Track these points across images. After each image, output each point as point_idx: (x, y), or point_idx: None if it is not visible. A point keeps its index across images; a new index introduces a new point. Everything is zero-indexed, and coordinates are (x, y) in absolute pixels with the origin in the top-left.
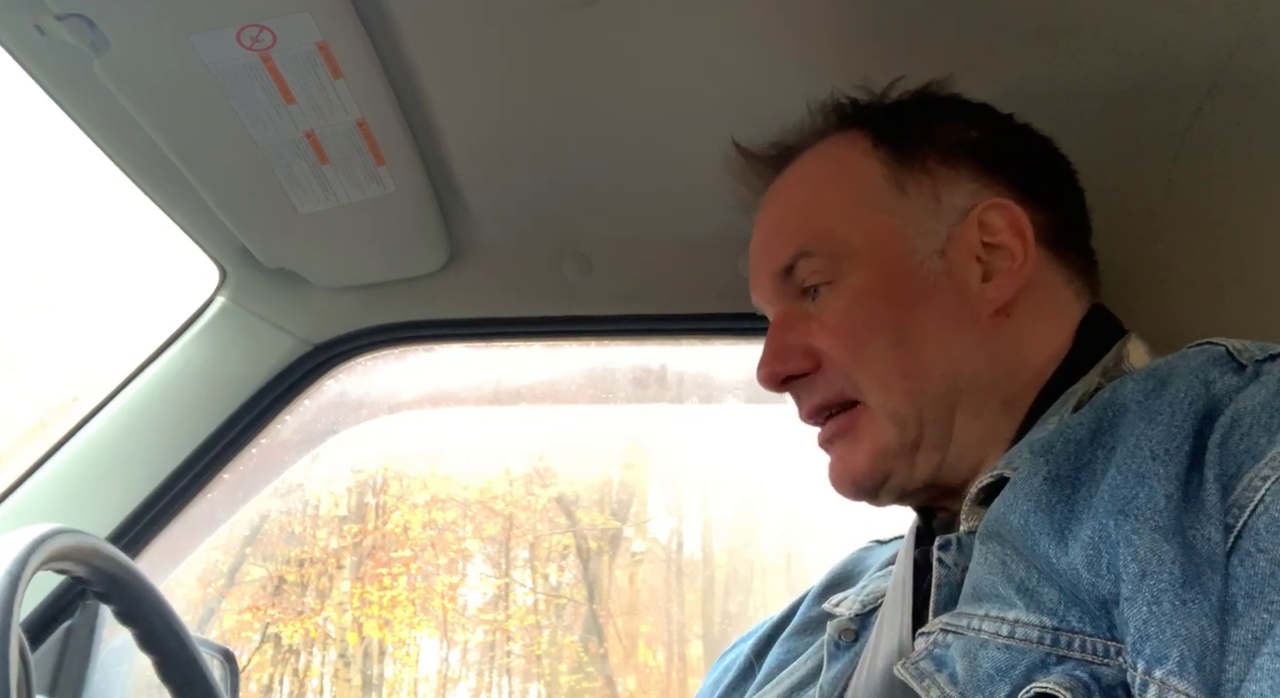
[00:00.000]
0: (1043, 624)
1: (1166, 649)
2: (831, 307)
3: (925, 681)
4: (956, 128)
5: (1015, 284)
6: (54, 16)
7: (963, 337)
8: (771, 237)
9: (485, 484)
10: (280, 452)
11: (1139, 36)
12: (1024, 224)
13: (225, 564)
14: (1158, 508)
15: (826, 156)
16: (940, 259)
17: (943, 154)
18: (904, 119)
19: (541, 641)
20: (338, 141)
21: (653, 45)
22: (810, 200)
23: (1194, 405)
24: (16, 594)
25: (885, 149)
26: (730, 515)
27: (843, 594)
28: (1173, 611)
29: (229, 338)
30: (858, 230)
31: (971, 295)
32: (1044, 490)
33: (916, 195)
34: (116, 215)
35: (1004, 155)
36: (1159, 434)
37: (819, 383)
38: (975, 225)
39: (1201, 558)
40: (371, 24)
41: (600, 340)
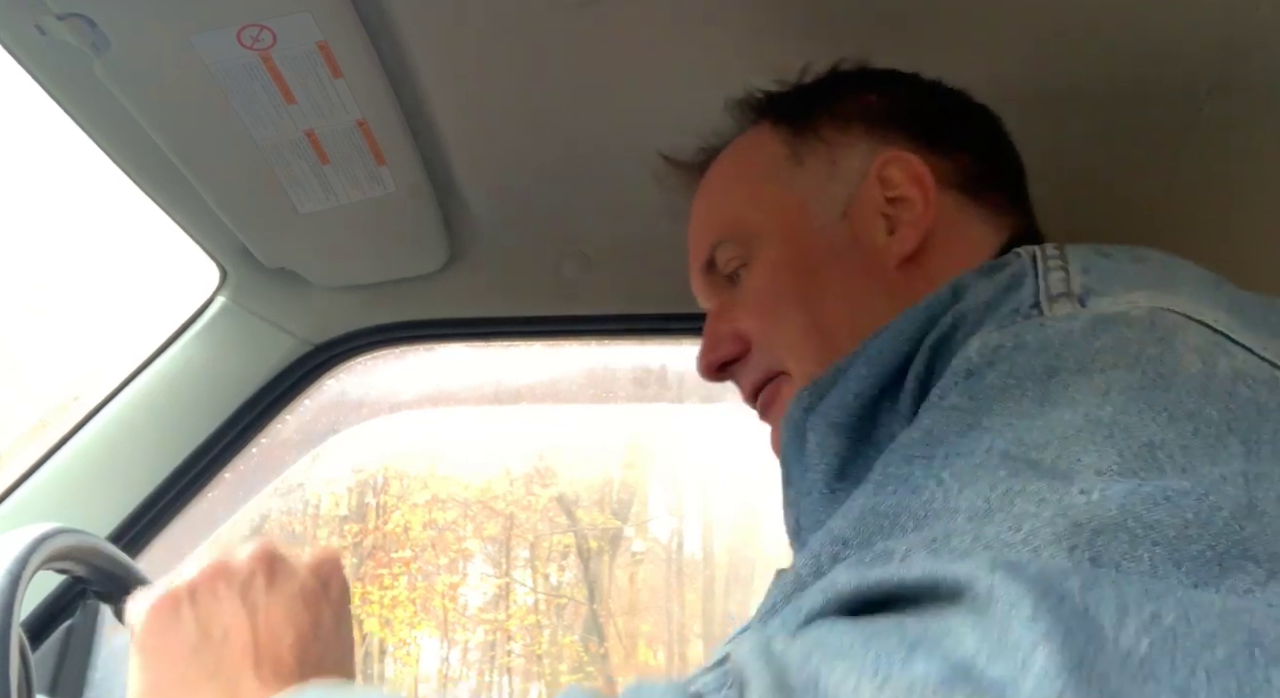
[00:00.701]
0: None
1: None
2: (749, 287)
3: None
4: (851, 96)
5: (918, 233)
6: (55, 16)
7: (869, 291)
8: (693, 234)
9: (486, 484)
10: (281, 451)
11: (1139, 36)
12: (920, 171)
13: None
14: (843, 404)
15: (734, 148)
16: (843, 221)
17: (836, 120)
18: (803, 98)
19: (542, 640)
20: (338, 141)
21: (652, 45)
22: (719, 192)
23: (932, 305)
24: (17, 594)
25: (783, 127)
26: (731, 515)
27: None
28: (818, 501)
29: (229, 338)
30: (760, 209)
31: (878, 250)
32: (800, 420)
33: (814, 164)
34: (117, 215)
35: (903, 111)
36: (889, 338)
37: (749, 364)
38: (875, 182)
39: (870, 453)
40: (372, 24)
41: (600, 340)
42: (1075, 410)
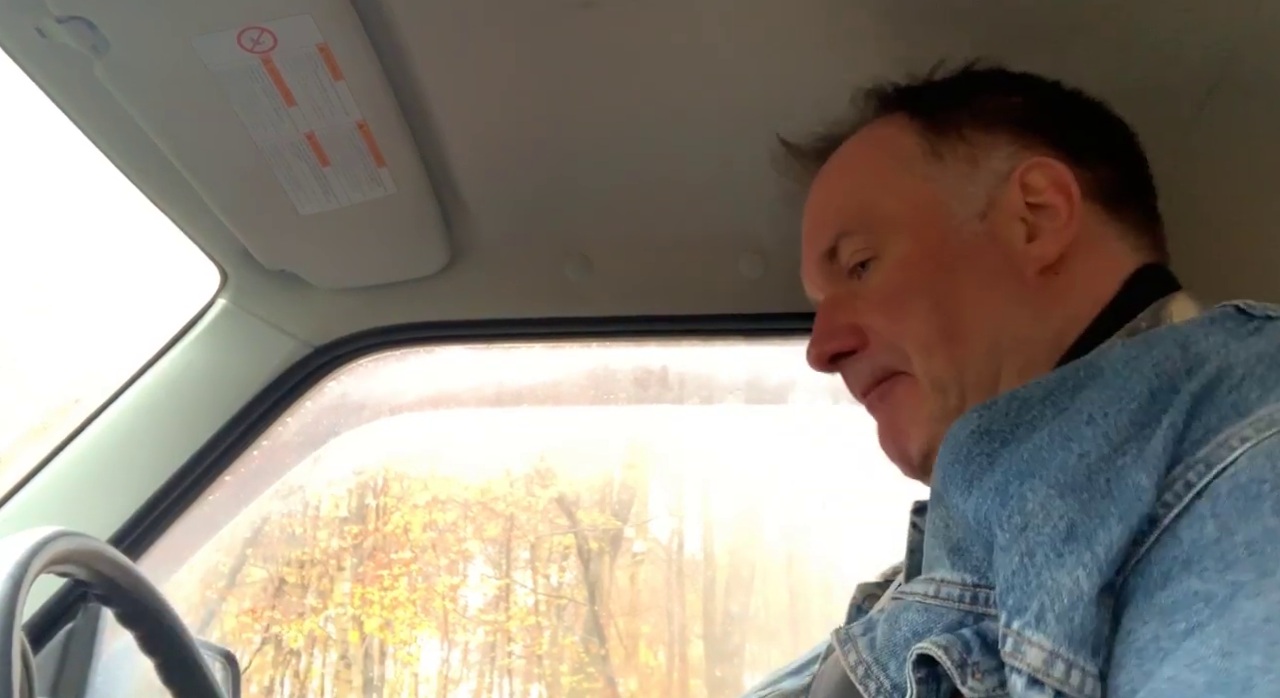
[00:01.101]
0: (964, 581)
1: (1028, 601)
2: (875, 281)
3: (847, 645)
4: (995, 96)
5: (1061, 242)
6: (55, 19)
7: (1005, 296)
8: (814, 223)
9: (486, 485)
10: (282, 454)
11: (1139, 36)
12: (1067, 180)
13: (226, 566)
14: (1065, 466)
15: (864, 138)
16: (981, 222)
17: (979, 121)
18: (941, 93)
19: (542, 641)
20: (338, 143)
21: (652, 45)
22: (847, 181)
23: (1159, 366)
24: (19, 597)
25: (920, 121)
26: (731, 516)
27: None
28: (1044, 562)
29: (230, 340)
30: (893, 200)
31: (1016, 255)
32: (969, 443)
33: (953, 161)
34: (118, 218)
35: (1046, 118)
36: (1107, 397)
37: (866, 358)
38: (1017, 187)
39: (1111, 512)
40: (372, 26)
41: (601, 341)
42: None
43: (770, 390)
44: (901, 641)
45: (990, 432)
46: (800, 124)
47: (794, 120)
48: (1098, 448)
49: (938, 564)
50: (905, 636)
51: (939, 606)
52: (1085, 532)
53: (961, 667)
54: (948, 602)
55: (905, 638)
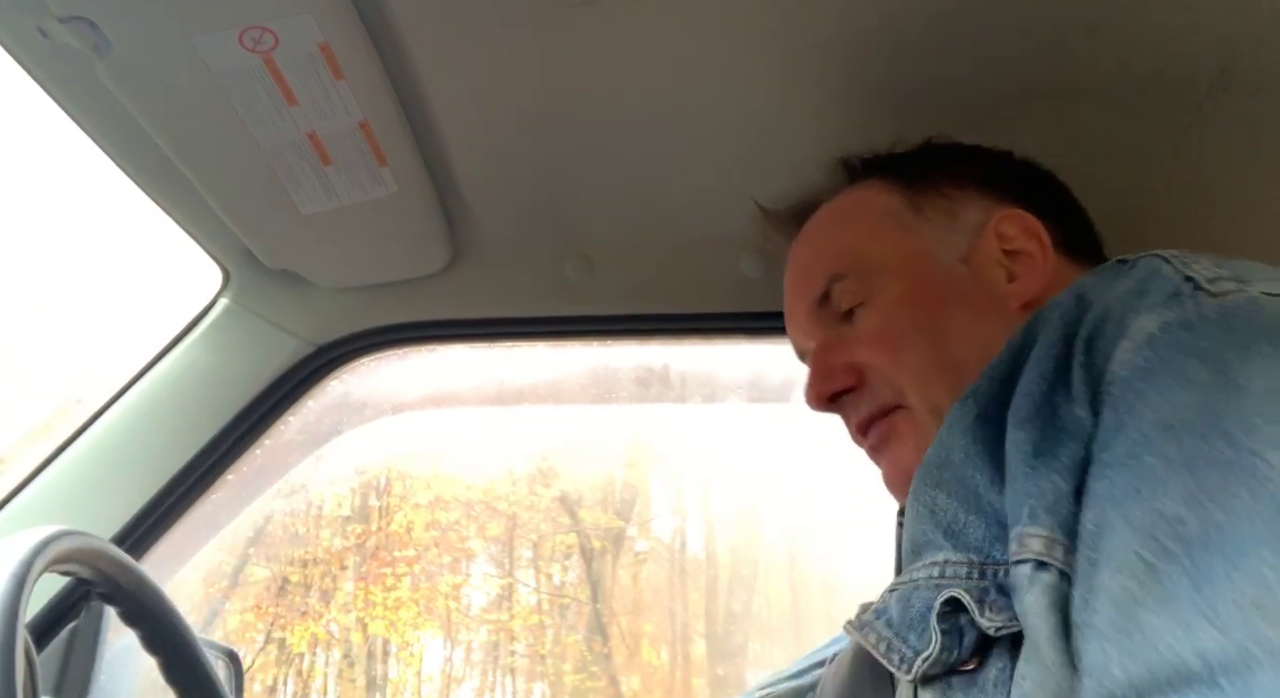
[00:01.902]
0: (969, 561)
1: (1019, 509)
2: (869, 322)
3: (865, 629)
4: (961, 160)
5: (1041, 280)
6: (56, 19)
7: (994, 327)
8: (801, 274)
9: (488, 484)
10: (284, 453)
11: (1140, 34)
12: (1037, 227)
13: (229, 565)
14: (1019, 408)
15: (846, 199)
16: (965, 266)
17: (952, 179)
18: (913, 159)
19: (546, 640)
20: (340, 143)
21: (653, 45)
22: (834, 231)
23: (1064, 316)
24: (23, 596)
25: (899, 184)
26: (733, 515)
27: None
28: (1024, 478)
29: (233, 339)
30: (882, 247)
31: (999, 293)
32: (977, 427)
33: (934, 214)
34: (119, 218)
35: (1008, 179)
36: (1040, 347)
37: (864, 395)
38: (993, 237)
39: (1063, 433)
40: (373, 25)
41: (602, 340)
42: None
43: (772, 389)
44: (917, 615)
45: (988, 414)
46: (801, 126)
47: (794, 120)
48: (1038, 387)
49: (931, 547)
50: (920, 610)
51: (947, 583)
52: (1047, 448)
53: (980, 602)
54: (955, 580)
55: (920, 612)
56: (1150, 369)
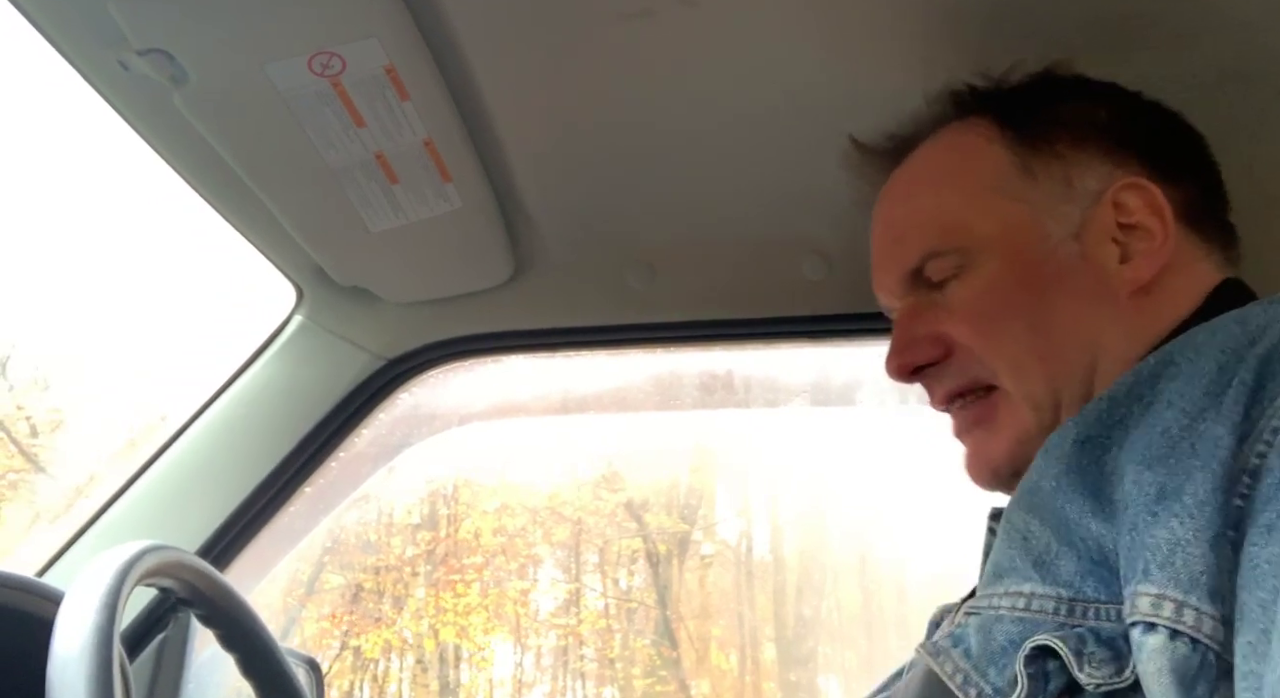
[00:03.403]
0: (1059, 596)
1: (1136, 563)
2: (963, 295)
3: (941, 657)
4: (1083, 108)
5: (1156, 264)
6: (136, 52)
7: (1099, 317)
8: (896, 237)
9: (554, 491)
10: (357, 465)
11: (1214, 20)
12: (1161, 203)
13: (305, 574)
14: (1150, 443)
15: (949, 146)
16: (1075, 242)
17: (1072, 136)
18: (1028, 102)
19: (614, 644)
20: (406, 161)
21: (710, 51)
22: (935, 196)
23: (1223, 344)
24: (118, 610)
25: (1011, 134)
26: (799, 518)
27: None
28: (1144, 527)
29: (307, 355)
30: (987, 221)
31: (1109, 276)
32: (1074, 454)
33: (1047, 180)
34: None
35: (1134, 133)
36: (1182, 382)
37: (951, 369)
38: (1110, 207)
39: (1193, 462)
40: (436, 46)
41: (666, 347)
42: None
43: (836, 392)
44: (999, 649)
45: (1091, 439)
46: (862, 125)
47: (856, 121)
48: (1178, 422)
49: (1016, 575)
50: (1002, 644)
51: (1033, 617)
52: (1174, 489)
53: (1079, 654)
54: (1041, 615)
55: (1003, 646)
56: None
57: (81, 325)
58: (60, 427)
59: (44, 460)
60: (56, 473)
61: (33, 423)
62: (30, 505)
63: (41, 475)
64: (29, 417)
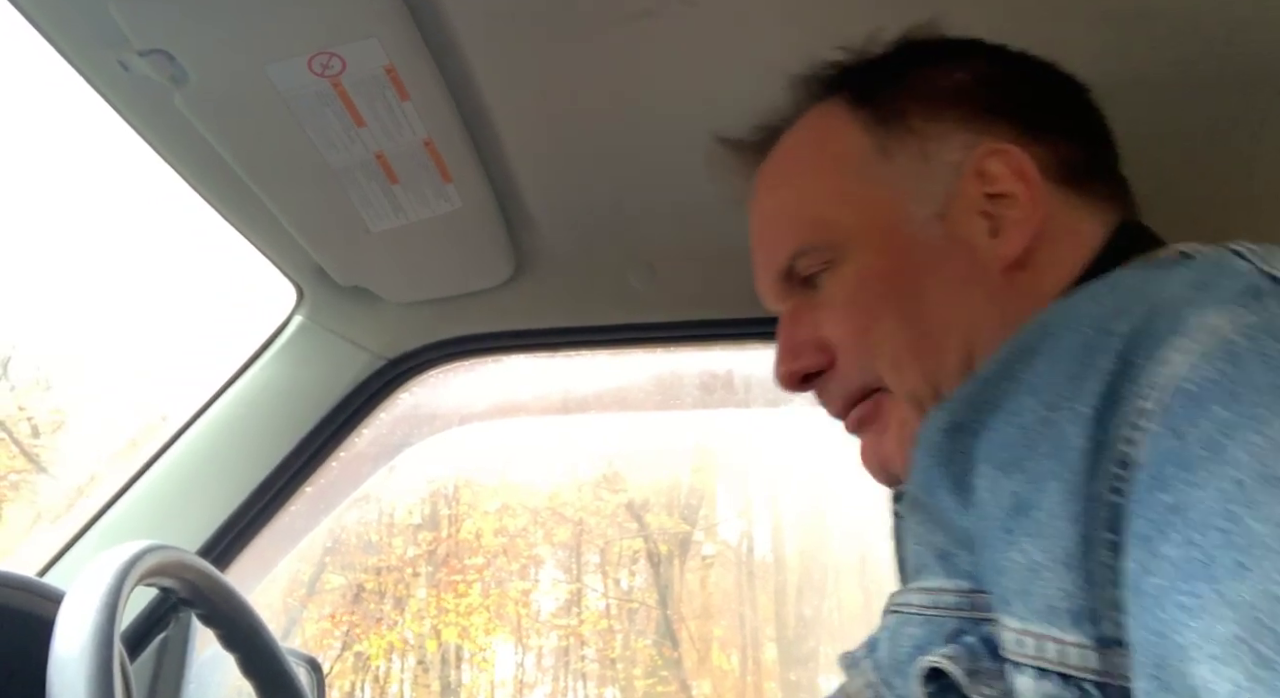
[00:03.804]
0: (959, 588)
1: (994, 586)
2: (834, 292)
3: (853, 669)
4: (939, 73)
5: (1026, 234)
6: (137, 52)
7: (972, 300)
8: (765, 238)
9: (555, 491)
10: (358, 464)
11: (1214, 20)
12: (1026, 167)
13: (306, 574)
14: (1006, 442)
15: (806, 132)
16: (941, 222)
17: (925, 106)
18: (880, 73)
19: (615, 645)
20: (406, 161)
21: (711, 51)
22: (794, 190)
23: (1091, 315)
24: (118, 609)
25: (864, 112)
26: (801, 518)
27: None
28: (998, 546)
29: (307, 355)
30: (849, 210)
31: (981, 253)
32: (943, 442)
33: (903, 158)
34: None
35: (997, 93)
36: (1048, 360)
37: (838, 377)
38: (974, 178)
39: (1048, 471)
40: (436, 45)
41: (666, 347)
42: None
43: None
44: (905, 657)
45: (960, 426)
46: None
47: None
48: (1035, 415)
49: (928, 571)
50: (908, 651)
51: (938, 616)
52: (1028, 500)
53: (970, 674)
54: (946, 611)
55: (909, 653)
56: (1233, 392)
57: (83, 326)
58: (61, 427)
59: (45, 461)
60: (58, 473)
61: (34, 423)
62: (32, 505)
63: (43, 476)
64: (30, 417)
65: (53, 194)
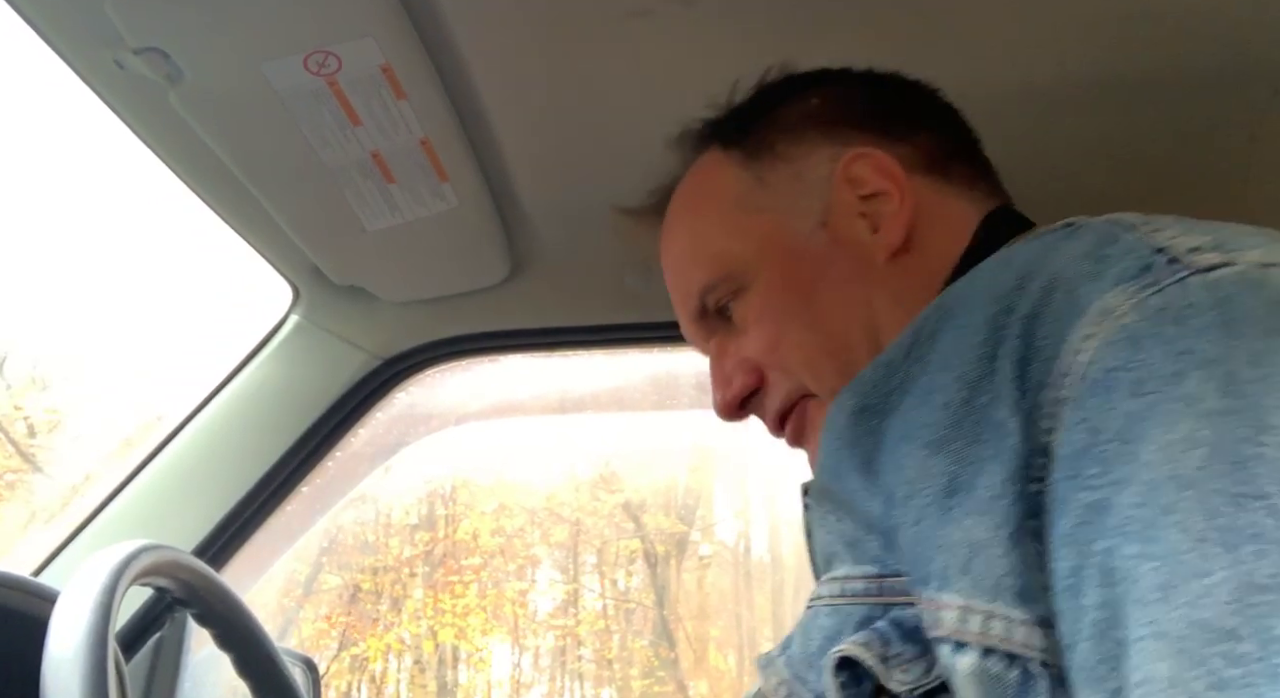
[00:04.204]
0: (866, 574)
1: (929, 565)
2: (745, 316)
3: (768, 669)
4: (795, 103)
5: (902, 223)
6: (132, 51)
7: (864, 291)
8: (676, 284)
9: (552, 491)
10: (354, 464)
11: (1211, 22)
12: (888, 164)
13: (303, 574)
14: (930, 421)
15: (690, 183)
16: (824, 230)
17: (787, 134)
18: (744, 117)
19: (612, 645)
20: (402, 160)
21: (706, 51)
22: (688, 233)
23: (992, 291)
24: (113, 610)
25: (735, 151)
26: (797, 518)
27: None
28: (934, 523)
29: (303, 354)
30: (739, 240)
31: (866, 250)
32: (849, 425)
33: (779, 183)
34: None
35: (849, 108)
36: (955, 338)
37: (769, 392)
38: (844, 185)
39: (983, 449)
40: (432, 45)
41: (663, 346)
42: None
43: None
44: (816, 650)
45: (867, 408)
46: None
47: None
48: (957, 394)
49: (837, 560)
50: (819, 644)
51: (847, 604)
52: (965, 481)
53: (884, 660)
54: (854, 599)
55: (820, 646)
56: (1138, 380)
57: (79, 325)
58: (57, 427)
59: (41, 460)
60: (53, 472)
61: (30, 423)
62: (27, 505)
63: (38, 475)
64: (27, 417)
65: (48, 193)
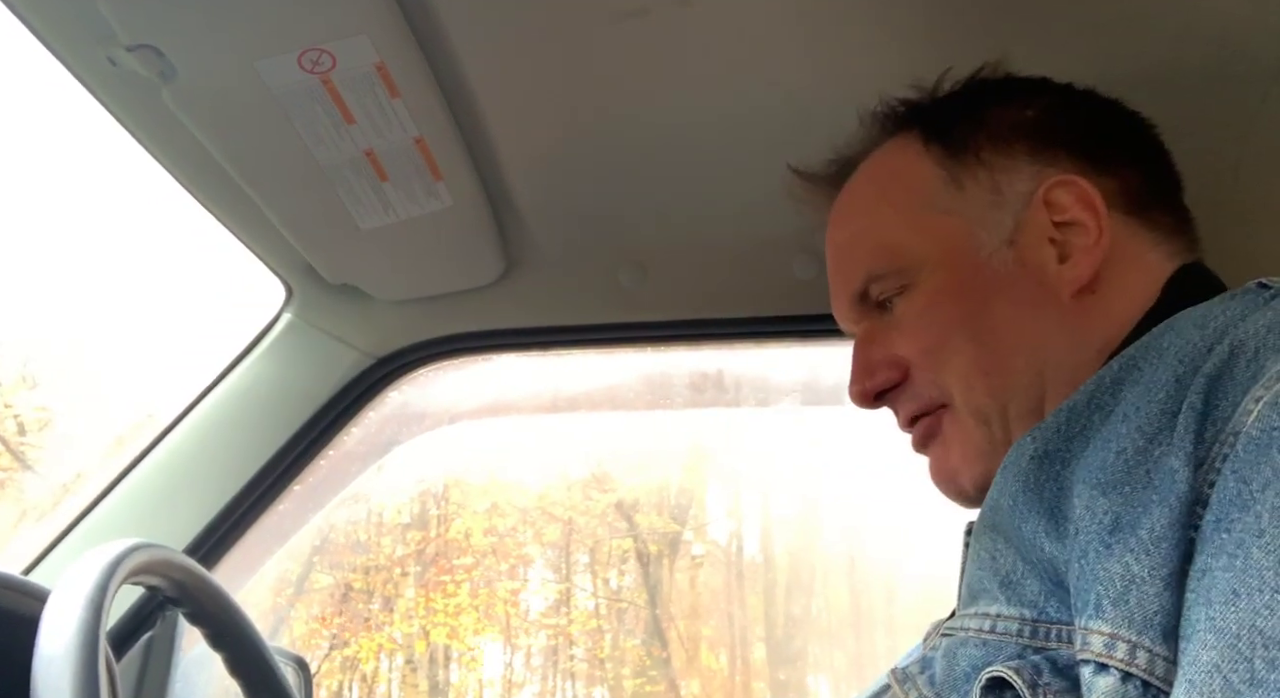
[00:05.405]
0: (1021, 616)
1: (1088, 595)
2: (907, 314)
3: (906, 683)
4: (1009, 110)
5: (1094, 260)
6: (125, 48)
7: (1043, 323)
8: (841, 263)
9: (544, 491)
10: (346, 463)
11: (1201, 22)
12: (1092, 196)
13: (294, 573)
14: (1104, 465)
15: (880, 166)
16: (1010, 248)
17: (996, 141)
18: (952, 111)
19: (604, 644)
20: (396, 159)
21: (701, 52)
22: (869, 218)
23: (1180, 351)
24: (104, 609)
25: (936, 147)
26: (790, 518)
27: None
28: (1095, 557)
29: (296, 353)
30: (921, 238)
31: (1049, 279)
32: (1031, 469)
33: (975, 189)
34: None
35: (1064, 128)
36: (1139, 392)
37: (909, 391)
38: (1042, 207)
39: (1150, 495)
40: (427, 43)
41: (657, 346)
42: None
43: (826, 391)
44: (962, 674)
45: (1050, 454)
46: (853, 124)
47: (847, 121)
48: (1133, 443)
49: (987, 597)
50: (965, 670)
51: (997, 640)
52: (1129, 521)
53: (1033, 688)
54: (1005, 636)
55: (965, 672)
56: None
57: (70, 323)
58: (48, 425)
59: (31, 458)
60: (44, 471)
61: (20, 421)
62: (17, 503)
63: (29, 473)
64: (17, 415)
65: (40, 191)
